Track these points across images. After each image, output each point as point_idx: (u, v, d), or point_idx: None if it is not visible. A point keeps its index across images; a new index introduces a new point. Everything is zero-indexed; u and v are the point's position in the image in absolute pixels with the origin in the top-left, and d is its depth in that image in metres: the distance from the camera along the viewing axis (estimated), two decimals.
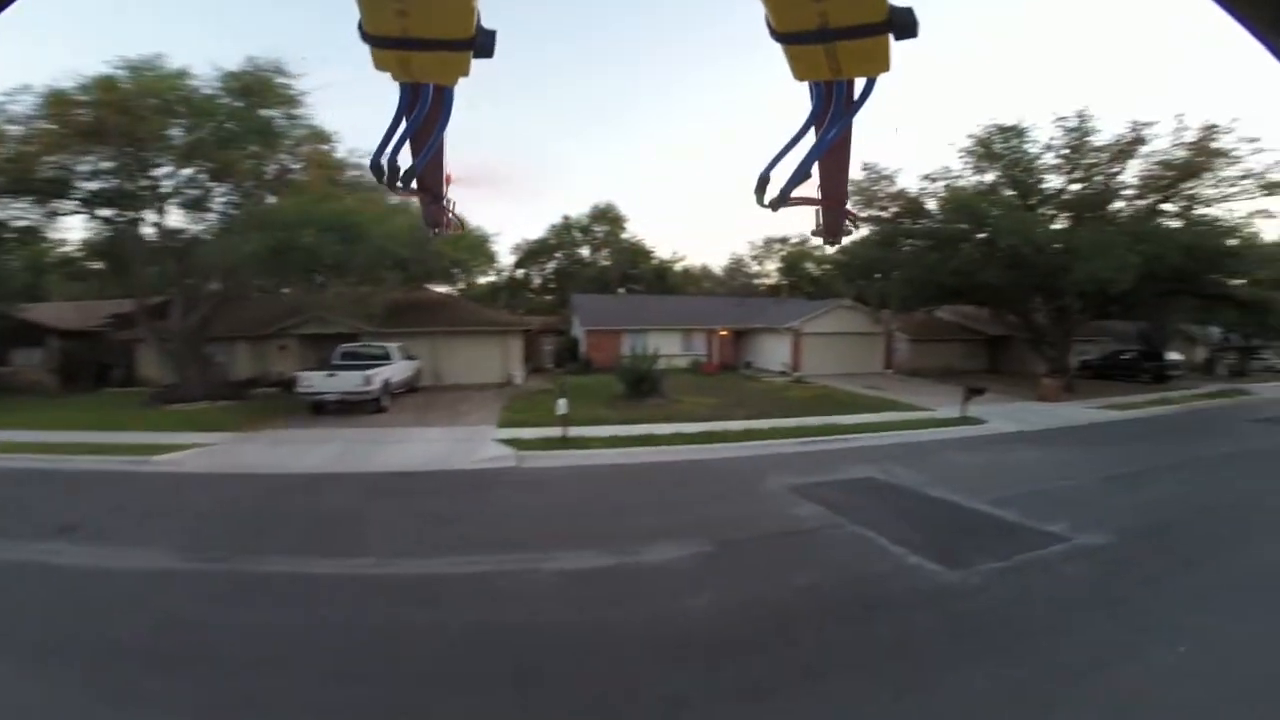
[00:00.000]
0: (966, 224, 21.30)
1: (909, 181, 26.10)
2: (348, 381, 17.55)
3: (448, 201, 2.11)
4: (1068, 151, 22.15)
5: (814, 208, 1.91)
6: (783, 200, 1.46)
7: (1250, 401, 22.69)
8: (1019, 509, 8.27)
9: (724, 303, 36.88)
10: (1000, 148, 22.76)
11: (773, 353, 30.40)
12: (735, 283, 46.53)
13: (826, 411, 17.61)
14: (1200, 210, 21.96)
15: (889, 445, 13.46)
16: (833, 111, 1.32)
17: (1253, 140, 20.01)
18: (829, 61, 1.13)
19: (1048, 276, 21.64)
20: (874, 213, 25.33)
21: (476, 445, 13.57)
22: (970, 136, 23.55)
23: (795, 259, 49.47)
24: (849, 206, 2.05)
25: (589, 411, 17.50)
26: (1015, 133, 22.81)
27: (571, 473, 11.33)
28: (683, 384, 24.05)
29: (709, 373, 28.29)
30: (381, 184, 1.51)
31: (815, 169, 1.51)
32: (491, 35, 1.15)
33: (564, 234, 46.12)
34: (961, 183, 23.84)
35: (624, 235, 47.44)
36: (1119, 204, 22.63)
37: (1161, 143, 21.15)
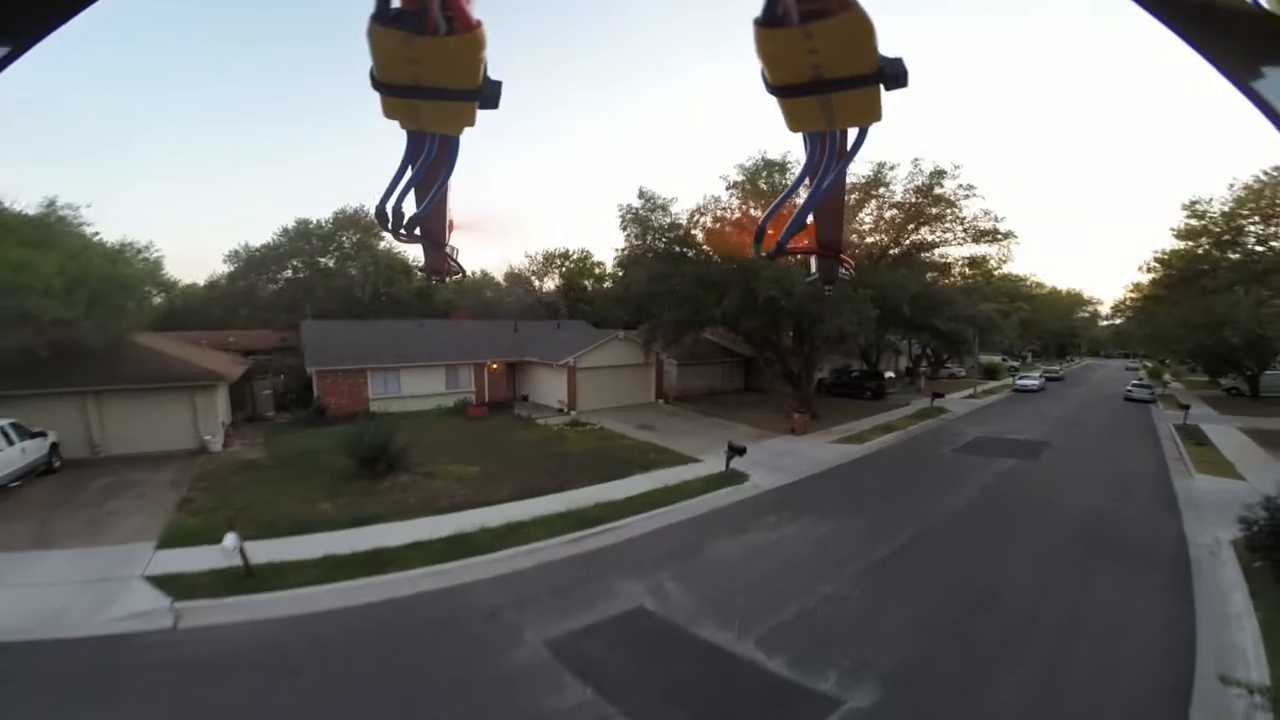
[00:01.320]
0: (734, 266, 22.19)
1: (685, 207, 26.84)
2: None
3: (449, 249, 2.15)
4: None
5: (810, 256, 2.11)
6: (781, 250, 1.58)
7: (948, 424, 27.65)
8: (789, 653, 7.87)
9: (497, 329, 34.57)
10: (765, 184, 24.16)
11: (549, 387, 29.18)
12: (511, 298, 44.23)
13: (600, 474, 16.82)
14: (925, 255, 26.10)
15: (661, 532, 12.90)
16: (826, 161, 1.41)
17: (969, 188, 23.97)
18: (823, 113, 1.20)
19: (801, 323, 23.79)
20: (650, 241, 25.60)
21: (114, 587, 9.97)
22: (738, 167, 24.97)
23: (574, 275, 49.12)
24: (843, 255, 2.15)
25: (302, 505, 14.30)
26: (779, 168, 24.37)
27: (252, 639, 8.49)
28: (442, 439, 21.50)
29: (476, 416, 25.88)
30: (386, 230, 1.55)
31: (810, 219, 1.68)
32: (498, 86, 1.19)
33: (299, 240, 39.34)
34: (730, 214, 25.22)
35: (380, 246, 42.23)
36: (860, 245, 25.69)
37: (897, 186, 24.46)
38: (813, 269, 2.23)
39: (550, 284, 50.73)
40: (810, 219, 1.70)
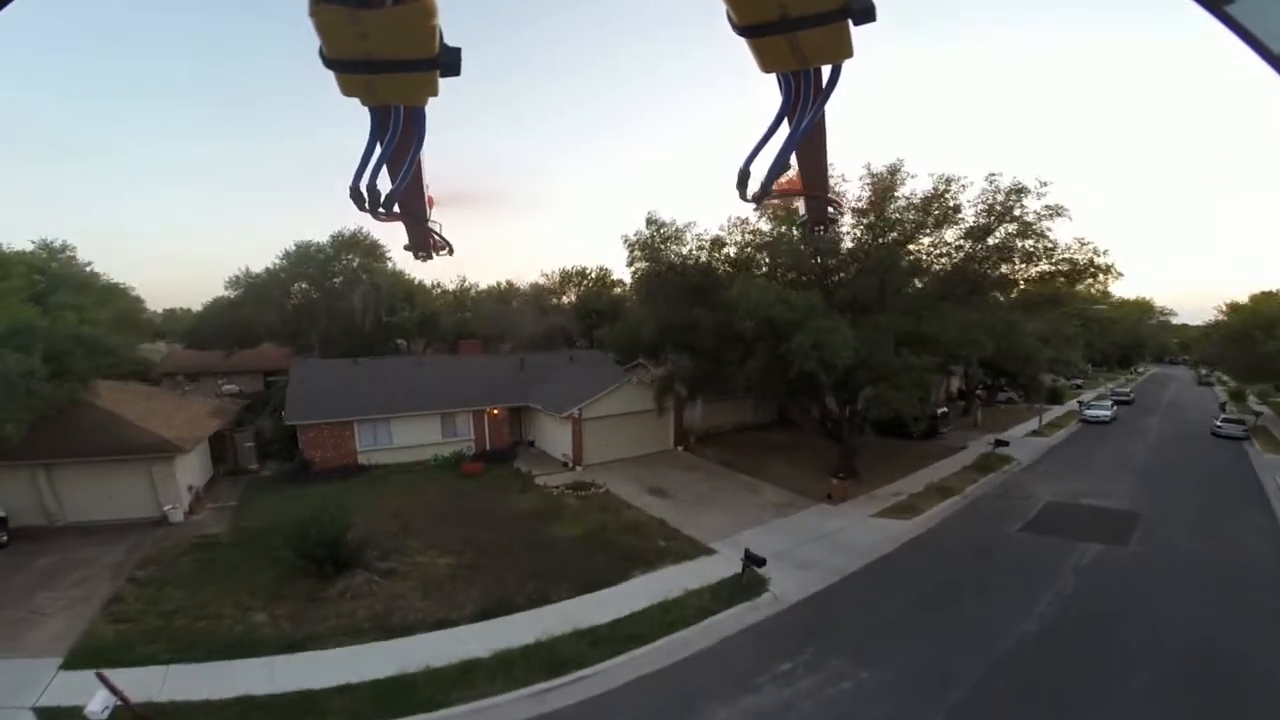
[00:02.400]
0: (766, 331, 19.18)
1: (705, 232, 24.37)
2: None
3: (432, 224, 2.27)
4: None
5: (799, 198, 2.25)
6: (765, 193, 1.66)
7: (1013, 479, 24.63)
8: None
9: (502, 366, 32.60)
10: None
11: (555, 436, 27.07)
12: (526, 319, 42.26)
13: (591, 575, 14.76)
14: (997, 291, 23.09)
15: (646, 683, 10.74)
16: (803, 101, 1.48)
17: (1057, 209, 19.74)
18: (793, 51, 1.27)
19: (844, 393, 21.61)
20: (663, 276, 23.27)
21: None
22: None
23: (590, 296, 47.09)
24: (832, 194, 2.28)
25: (236, 613, 12.71)
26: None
27: None
28: (422, 508, 19.76)
29: (471, 473, 23.95)
30: (364, 210, 1.60)
31: (794, 159, 1.75)
32: (456, 53, 1.20)
33: (300, 264, 38.29)
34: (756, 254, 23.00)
35: (386, 268, 40.92)
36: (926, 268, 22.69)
37: (967, 211, 21.27)
38: (801, 211, 2.46)
39: (568, 300, 48.74)
40: (794, 162, 1.82)
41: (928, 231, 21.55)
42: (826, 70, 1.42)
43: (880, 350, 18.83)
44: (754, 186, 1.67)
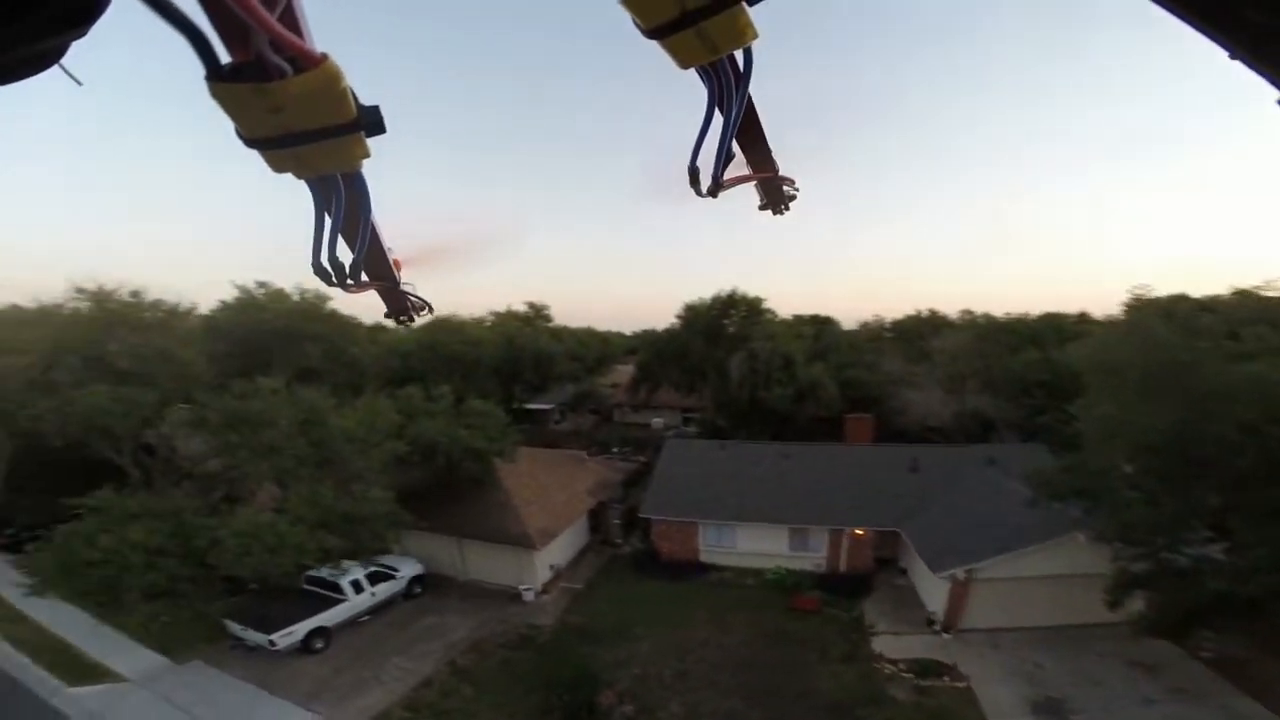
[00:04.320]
0: None
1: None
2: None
3: (405, 286, 2.42)
4: None
5: (752, 184, 2.37)
6: (718, 184, 1.79)
7: None
8: None
9: (890, 461, 27.72)
10: None
11: (930, 579, 21.30)
12: (936, 399, 35.80)
13: None
14: None
15: None
16: (726, 90, 1.63)
17: None
18: (703, 43, 1.37)
19: None
20: None
21: None
22: None
23: (1033, 364, 36.60)
24: (782, 173, 2.37)
25: None
26: None
27: None
28: (718, 650, 18.66)
29: (802, 610, 21.22)
30: (332, 285, 1.67)
31: (736, 147, 1.88)
32: (376, 111, 1.24)
33: (694, 320, 40.98)
34: None
35: (770, 317, 40.71)
36: None
37: None
38: (759, 199, 2.57)
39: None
40: (737, 148, 1.95)
41: None
42: (740, 56, 1.59)
43: None
44: (706, 180, 1.81)
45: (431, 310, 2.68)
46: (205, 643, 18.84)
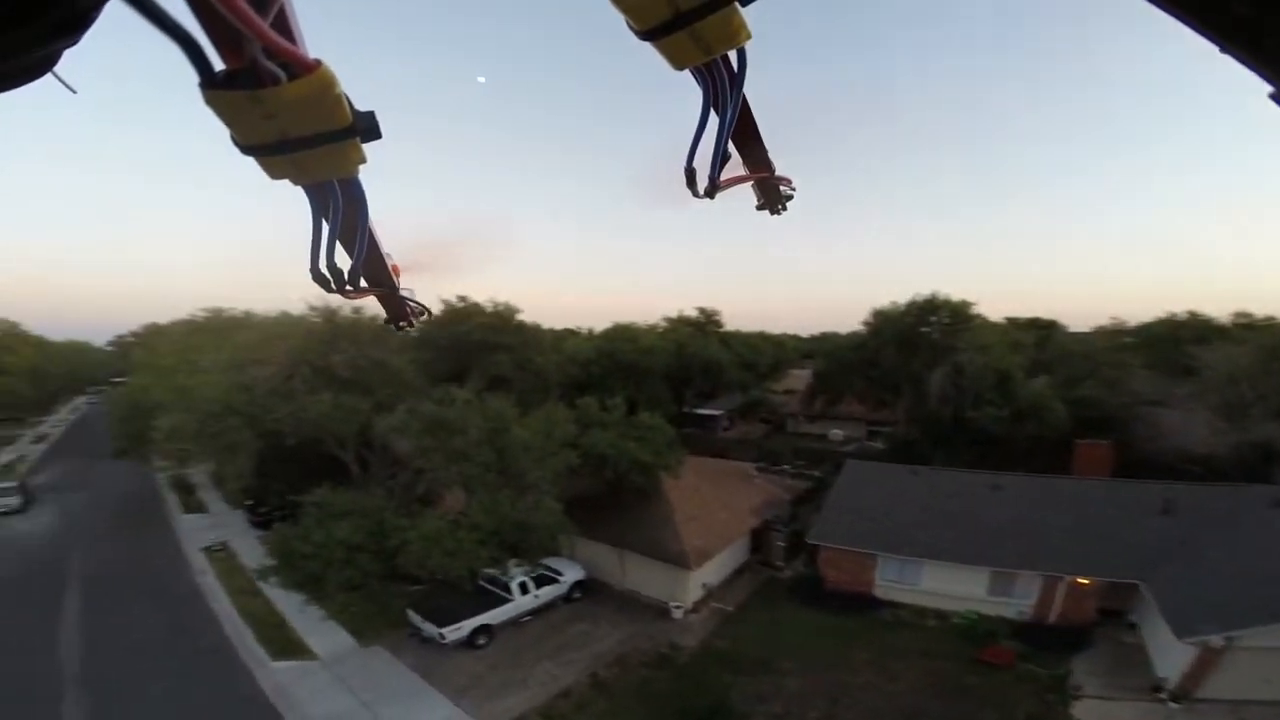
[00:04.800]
0: None
1: None
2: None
3: (404, 291, 2.40)
4: None
5: (750, 184, 2.38)
6: (714, 185, 1.79)
7: None
8: None
9: (1134, 499, 22.67)
10: None
11: (1166, 638, 17.22)
12: (1200, 424, 28.78)
13: None
14: None
15: None
16: (721, 90, 1.65)
17: None
18: (696, 44, 1.39)
19: None
20: None
21: None
22: None
23: None
24: (778, 173, 2.40)
25: None
26: None
27: None
28: (876, 702, 16.36)
29: (993, 664, 18.12)
30: (331, 291, 1.68)
31: (732, 147, 1.87)
32: (371, 116, 1.24)
33: (884, 326, 37.50)
34: None
35: (980, 322, 35.68)
36: None
37: None
38: (756, 199, 2.59)
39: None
40: (733, 148, 1.93)
41: None
42: (734, 56, 1.59)
43: None
44: (702, 181, 1.80)
45: (430, 315, 2.70)
46: (389, 628, 21.15)
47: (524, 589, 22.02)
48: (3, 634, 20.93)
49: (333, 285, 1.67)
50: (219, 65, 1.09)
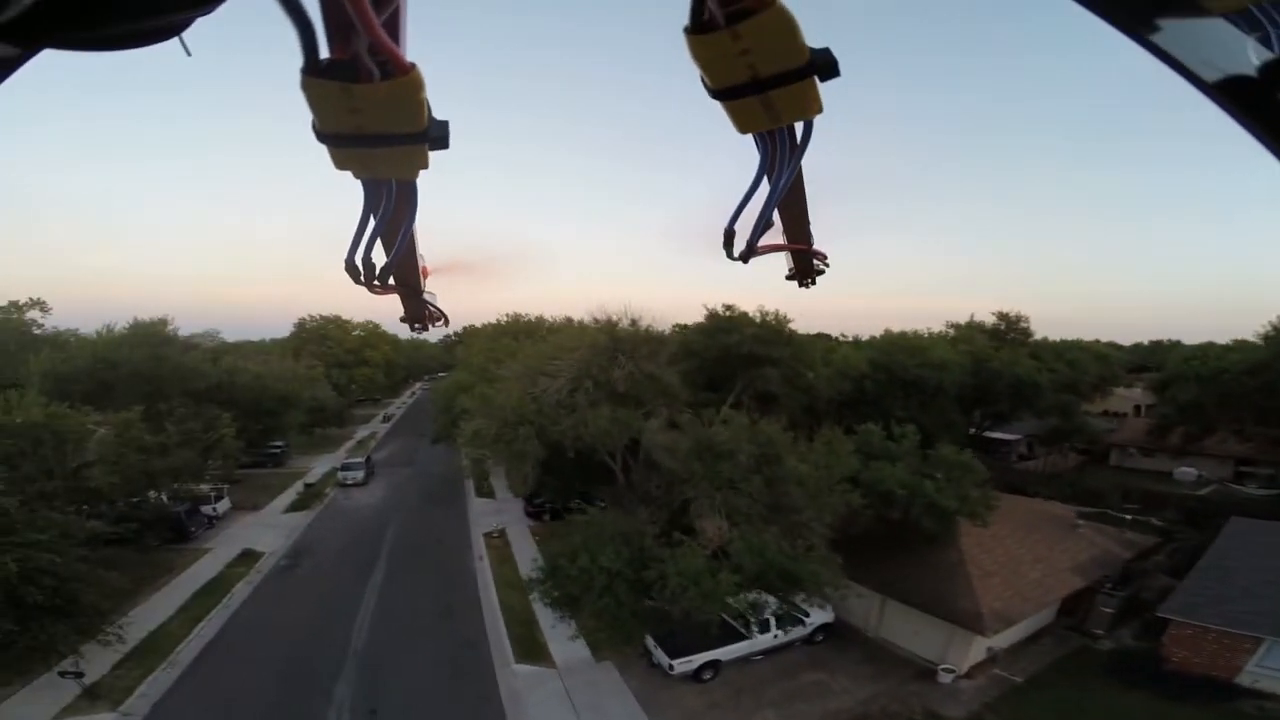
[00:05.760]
0: None
1: None
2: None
3: (427, 295, 2.48)
4: None
5: (784, 253, 2.34)
6: (751, 250, 1.81)
7: None
8: None
9: None
10: None
11: None
12: None
13: None
14: None
15: None
16: (780, 159, 1.62)
17: None
18: (766, 111, 1.39)
19: None
20: None
21: None
22: None
23: None
24: (816, 247, 2.39)
25: None
26: None
27: None
28: None
29: None
30: (359, 283, 1.74)
31: (776, 216, 1.87)
32: (445, 126, 1.29)
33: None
34: None
35: None
36: None
37: None
38: (788, 268, 2.49)
39: None
40: (776, 216, 1.90)
41: None
42: (800, 127, 1.52)
43: None
44: (740, 245, 1.78)
45: (447, 322, 2.69)
46: (625, 644, 20.84)
47: (765, 627, 20.86)
48: (329, 598, 25.14)
49: (362, 278, 1.69)
50: (324, 53, 1.09)
